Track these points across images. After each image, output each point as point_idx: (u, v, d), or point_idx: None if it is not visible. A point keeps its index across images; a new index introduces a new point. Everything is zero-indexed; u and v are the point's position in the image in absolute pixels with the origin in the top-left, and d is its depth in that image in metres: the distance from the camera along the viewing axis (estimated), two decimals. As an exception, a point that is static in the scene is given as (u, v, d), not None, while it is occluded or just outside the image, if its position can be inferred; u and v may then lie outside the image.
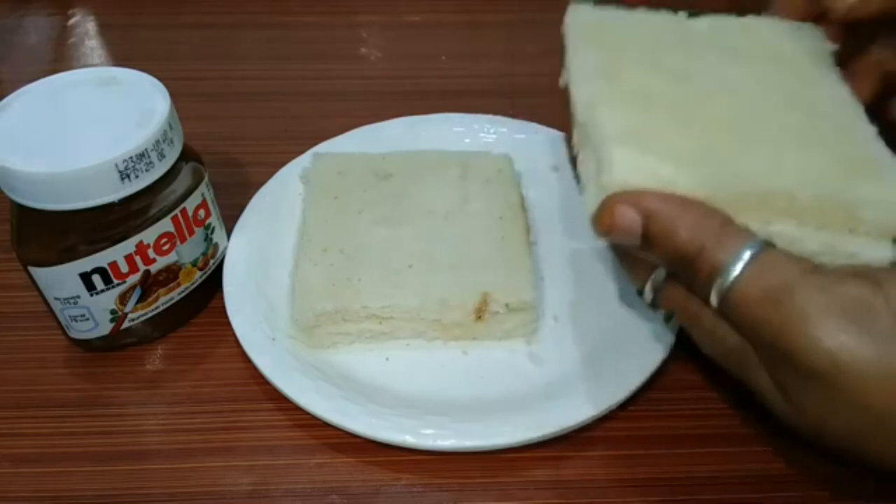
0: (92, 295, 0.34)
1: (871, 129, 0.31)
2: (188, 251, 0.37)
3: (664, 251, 0.28)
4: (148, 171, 0.33)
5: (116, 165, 0.31)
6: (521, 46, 0.59)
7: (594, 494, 0.32)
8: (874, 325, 0.24)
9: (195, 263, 0.37)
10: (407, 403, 0.34)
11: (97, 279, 0.34)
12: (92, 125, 0.33)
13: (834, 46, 0.35)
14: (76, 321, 0.35)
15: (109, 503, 0.32)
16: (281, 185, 0.44)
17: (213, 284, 0.39)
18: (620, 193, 0.28)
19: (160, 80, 0.35)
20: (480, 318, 0.36)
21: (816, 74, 0.34)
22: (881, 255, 0.28)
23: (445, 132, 0.47)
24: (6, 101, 0.34)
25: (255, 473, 0.33)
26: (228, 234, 0.40)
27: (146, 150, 0.32)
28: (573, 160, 0.34)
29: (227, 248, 0.40)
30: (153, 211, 0.34)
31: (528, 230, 0.40)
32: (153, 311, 0.37)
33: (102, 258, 0.33)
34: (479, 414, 0.33)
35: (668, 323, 0.35)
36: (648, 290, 0.31)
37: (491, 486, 0.32)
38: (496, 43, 0.60)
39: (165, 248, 0.35)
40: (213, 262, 0.39)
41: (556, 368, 0.36)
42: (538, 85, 0.44)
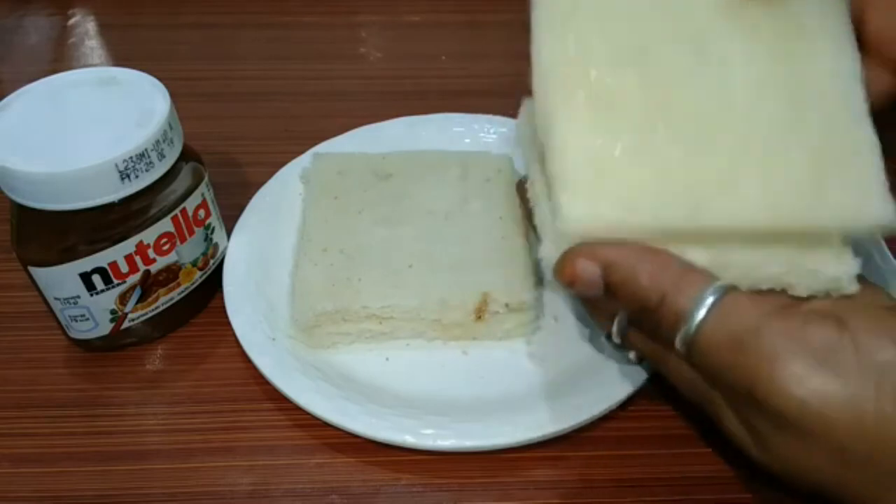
0: (92, 295, 0.34)
1: (861, 108, 0.28)
2: (188, 251, 0.37)
3: (627, 300, 0.28)
4: (148, 171, 0.33)
5: (116, 165, 0.31)
6: (521, 46, 0.58)
7: (594, 494, 0.32)
8: (841, 367, 0.24)
9: (195, 263, 0.37)
10: (407, 403, 0.34)
11: (97, 279, 0.34)
12: (92, 125, 0.33)
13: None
14: (76, 321, 0.35)
15: (109, 503, 0.32)
16: (281, 185, 0.44)
17: (213, 284, 0.39)
18: (579, 247, 0.28)
19: (160, 80, 0.35)
20: (480, 318, 0.36)
21: (821, 43, 0.29)
22: (844, 270, 0.27)
23: (445, 132, 0.47)
24: (6, 101, 0.34)
25: (255, 473, 0.33)
26: (228, 234, 0.40)
27: (146, 150, 0.32)
28: (529, 212, 0.33)
29: (227, 248, 0.40)
30: (153, 211, 0.34)
31: (527, 230, 0.40)
32: (153, 311, 0.37)
33: (102, 258, 0.33)
34: (479, 414, 0.33)
35: (640, 364, 0.34)
36: (615, 333, 0.31)
37: (491, 486, 0.32)
38: (496, 43, 0.60)
39: (165, 248, 0.35)
40: (213, 262, 0.39)
41: (556, 368, 0.36)
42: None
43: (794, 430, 0.24)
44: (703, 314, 0.26)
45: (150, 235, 0.34)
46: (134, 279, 0.35)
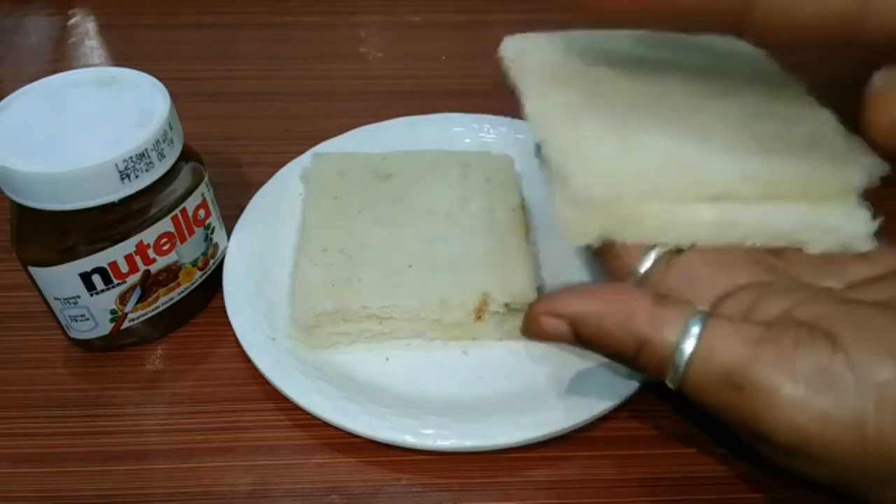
0: (92, 295, 0.34)
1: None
2: (188, 251, 0.37)
3: (603, 353, 0.27)
4: (148, 171, 0.33)
5: (116, 165, 0.31)
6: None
7: (594, 494, 0.32)
8: (838, 389, 0.23)
9: (195, 263, 0.37)
10: (407, 403, 0.34)
11: (97, 279, 0.34)
12: (92, 125, 0.33)
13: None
14: (76, 321, 0.35)
15: (109, 503, 0.32)
16: (281, 185, 0.44)
17: (213, 284, 0.39)
18: (540, 303, 0.28)
19: (160, 80, 0.35)
20: (480, 318, 0.36)
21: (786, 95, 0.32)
22: (858, 227, 0.27)
23: (445, 132, 0.47)
24: (6, 101, 0.34)
25: (255, 473, 0.33)
26: (228, 234, 0.40)
27: (146, 150, 0.32)
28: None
29: (227, 248, 0.40)
30: (153, 211, 0.34)
31: (528, 230, 0.40)
32: (153, 311, 0.37)
33: (102, 258, 0.33)
34: (479, 414, 0.33)
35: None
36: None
37: (491, 486, 0.32)
38: (496, 43, 0.60)
39: (165, 248, 0.35)
40: (213, 262, 0.39)
41: (556, 368, 0.36)
42: (538, 85, 0.44)
43: (802, 455, 0.24)
44: (687, 356, 0.25)
45: (150, 235, 0.34)
46: (134, 279, 0.35)
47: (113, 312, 0.35)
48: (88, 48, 0.60)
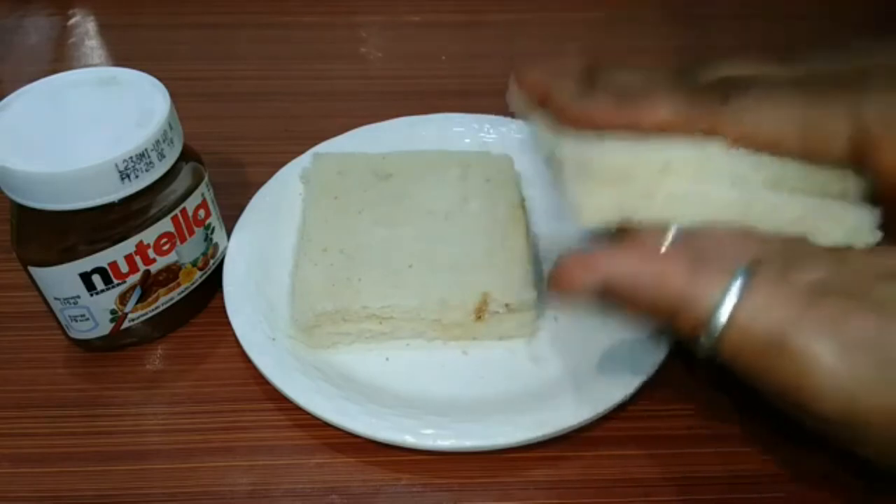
0: (92, 295, 0.34)
1: None
2: (188, 251, 0.37)
3: (637, 311, 0.26)
4: (148, 171, 0.33)
5: (116, 165, 0.31)
6: (521, 46, 0.59)
7: (594, 494, 0.32)
8: (891, 360, 0.22)
9: (195, 263, 0.37)
10: (407, 403, 0.34)
11: (97, 279, 0.34)
12: (92, 125, 0.33)
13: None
14: (76, 321, 0.35)
15: (109, 503, 0.32)
16: (281, 185, 0.44)
17: (213, 284, 0.39)
18: (573, 258, 0.26)
19: (160, 80, 0.35)
20: (480, 318, 0.36)
21: None
22: (862, 218, 0.27)
23: (445, 132, 0.47)
24: (6, 101, 0.34)
25: (255, 473, 0.33)
26: (228, 234, 0.40)
27: (146, 150, 0.32)
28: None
29: (227, 248, 0.40)
30: (153, 211, 0.34)
31: (528, 230, 0.40)
32: (153, 311, 0.37)
33: (102, 258, 0.33)
34: (479, 414, 0.33)
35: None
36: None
37: (491, 486, 0.32)
38: (496, 43, 0.60)
39: (165, 248, 0.35)
40: (213, 262, 0.39)
41: (556, 368, 0.36)
42: (538, 85, 0.44)
43: (843, 426, 0.23)
44: (726, 317, 0.24)
45: (150, 235, 0.34)
46: (134, 279, 0.35)
47: (113, 312, 0.35)
48: (88, 48, 0.60)
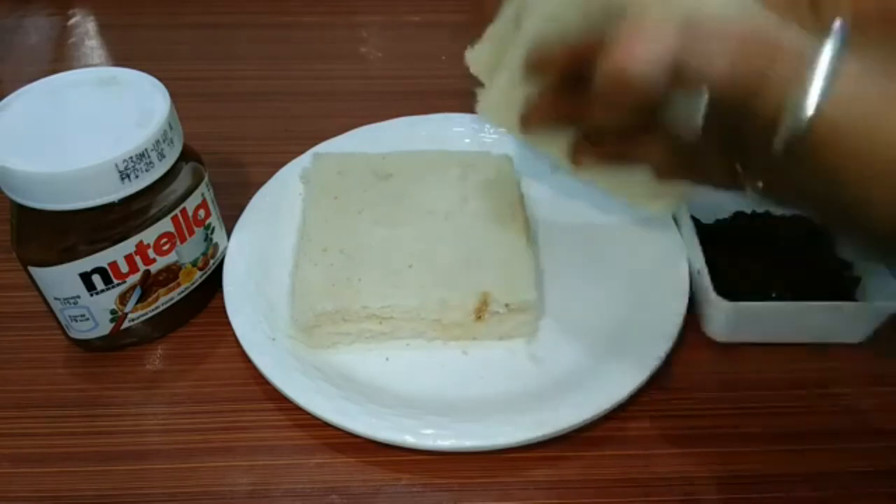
0: (92, 295, 0.34)
1: None
2: (188, 251, 0.37)
3: (709, 91, 0.21)
4: (148, 171, 0.33)
5: (116, 165, 0.31)
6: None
7: (594, 494, 0.32)
8: None
9: (195, 263, 0.37)
10: (407, 403, 0.34)
11: (97, 279, 0.34)
12: (92, 125, 0.33)
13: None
14: (76, 321, 0.35)
15: (109, 503, 0.32)
16: (281, 185, 0.44)
17: (213, 284, 0.39)
18: (629, 26, 0.21)
19: (160, 80, 0.35)
20: (480, 318, 0.36)
21: None
22: None
23: (445, 132, 0.47)
24: (6, 101, 0.34)
25: (255, 473, 0.33)
26: (228, 234, 0.40)
27: (146, 150, 0.32)
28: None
29: (227, 248, 0.40)
30: (153, 211, 0.34)
31: (528, 230, 0.40)
32: (153, 311, 0.37)
33: (102, 258, 0.33)
34: (479, 414, 0.33)
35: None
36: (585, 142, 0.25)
37: (491, 486, 0.32)
38: (496, 43, 0.60)
39: (165, 248, 0.35)
40: (213, 262, 0.39)
41: (556, 368, 0.36)
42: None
43: None
44: (831, 70, 0.19)
45: (150, 235, 0.34)
46: (134, 279, 0.35)
47: (113, 312, 0.35)
48: (88, 48, 0.60)
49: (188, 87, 0.47)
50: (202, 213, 0.37)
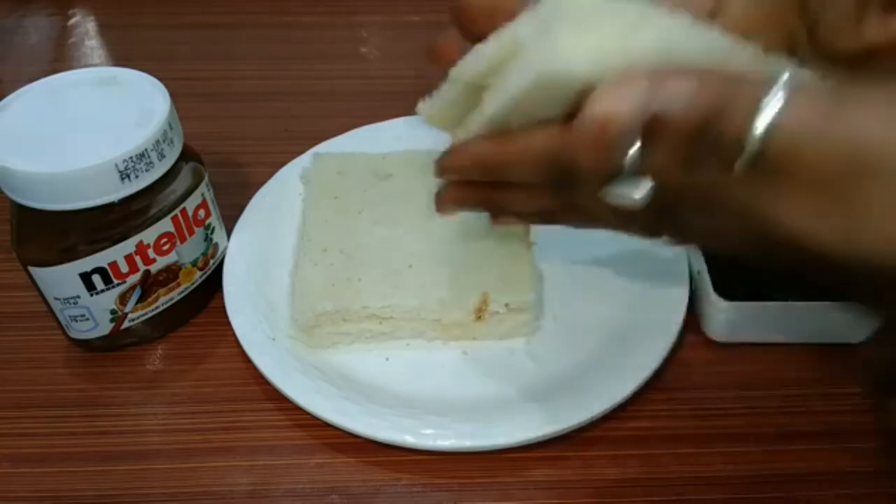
0: (92, 295, 0.34)
1: None
2: (188, 251, 0.37)
3: (674, 133, 0.22)
4: (148, 171, 0.33)
5: (116, 165, 0.31)
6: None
7: (594, 494, 0.32)
8: None
9: (195, 263, 0.37)
10: (407, 403, 0.34)
11: (97, 279, 0.34)
12: (92, 125, 0.33)
13: None
14: (76, 321, 0.35)
15: (109, 503, 0.32)
16: (281, 185, 0.44)
17: (213, 284, 0.39)
18: (606, 86, 0.22)
19: (160, 80, 0.35)
20: (480, 318, 0.36)
21: None
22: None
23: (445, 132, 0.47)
24: (6, 101, 0.34)
25: (255, 473, 0.33)
26: (228, 234, 0.40)
27: (146, 150, 0.32)
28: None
29: (227, 248, 0.40)
30: (153, 211, 0.34)
31: (528, 230, 0.40)
32: (153, 311, 0.37)
33: (102, 258, 0.33)
34: (479, 414, 0.33)
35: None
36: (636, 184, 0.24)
37: (491, 486, 0.32)
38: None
39: (165, 248, 0.35)
40: (213, 262, 0.39)
41: (556, 368, 0.36)
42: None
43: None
44: (781, 99, 0.21)
45: (150, 235, 0.34)
46: (134, 279, 0.35)
47: (113, 312, 0.35)
48: (88, 48, 0.60)
49: (188, 87, 0.47)
50: (202, 213, 0.37)
